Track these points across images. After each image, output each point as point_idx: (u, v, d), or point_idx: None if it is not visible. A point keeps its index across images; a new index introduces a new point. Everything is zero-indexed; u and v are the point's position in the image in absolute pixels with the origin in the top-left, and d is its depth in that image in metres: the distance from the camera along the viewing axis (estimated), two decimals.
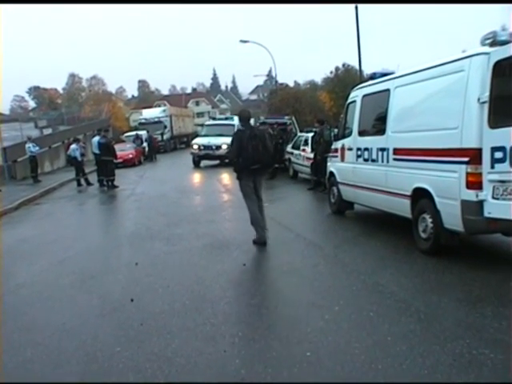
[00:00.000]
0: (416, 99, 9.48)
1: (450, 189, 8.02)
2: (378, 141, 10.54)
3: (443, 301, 6.51)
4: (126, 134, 47.78)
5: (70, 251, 10.74)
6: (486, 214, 7.39)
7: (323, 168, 15.19)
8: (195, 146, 31.91)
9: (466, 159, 7.63)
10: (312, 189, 18.40)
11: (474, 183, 7.52)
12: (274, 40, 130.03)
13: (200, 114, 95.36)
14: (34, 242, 12.26)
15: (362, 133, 11.60)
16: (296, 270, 8.31)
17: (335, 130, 15.57)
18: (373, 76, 11.81)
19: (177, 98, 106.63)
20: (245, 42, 47.49)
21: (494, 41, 7.58)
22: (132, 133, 46.84)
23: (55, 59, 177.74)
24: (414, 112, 9.57)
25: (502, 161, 6.98)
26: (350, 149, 12.06)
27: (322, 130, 17.95)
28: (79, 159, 24.90)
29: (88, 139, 36.30)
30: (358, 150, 11.57)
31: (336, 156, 13.15)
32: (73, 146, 25.44)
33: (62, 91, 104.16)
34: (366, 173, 11.12)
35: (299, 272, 8.22)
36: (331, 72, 61.42)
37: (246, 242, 10.40)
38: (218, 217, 13.51)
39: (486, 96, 7.32)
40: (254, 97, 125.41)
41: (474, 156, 7.51)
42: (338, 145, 13.06)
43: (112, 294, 7.71)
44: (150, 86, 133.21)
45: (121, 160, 30.59)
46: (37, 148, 26.63)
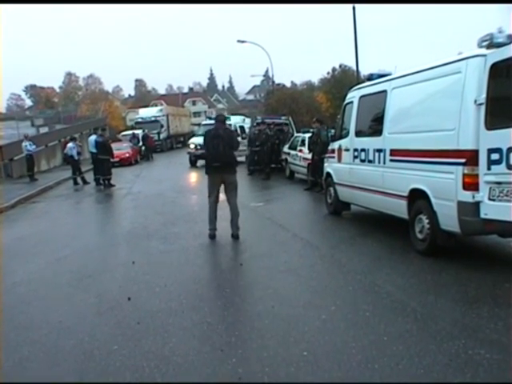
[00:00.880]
0: (413, 100, 9.51)
1: (446, 190, 8.05)
2: (374, 142, 10.57)
3: (439, 301, 6.54)
4: (123, 133, 47.69)
5: (67, 250, 10.74)
6: (483, 215, 7.42)
7: (320, 168, 15.21)
8: (192, 146, 31.88)
9: (463, 160, 7.67)
10: (309, 189, 18.41)
11: (471, 184, 7.56)
12: (272, 40, 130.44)
13: (197, 114, 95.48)
14: (30, 240, 12.25)
15: (358, 133, 11.62)
16: (293, 270, 8.33)
17: (332, 131, 15.60)
18: (370, 77, 11.84)
19: (173, 98, 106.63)
20: (242, 42, 47.49)
21: (490, 43, 7.61)
22: (129, 132, 46.76)
23: (52, 58, 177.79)
24: (410, 113, 9.60)
25: (498, 162, 7.01)
26: (347, 149, 12.08)
27: (319, 130, 17.95)
28: (76, 158, 24.87)
29: (85, 138, 36.31)
30: (355, 150, 11.60)
31: (333, 157, 13.17)
32: (70, 145, 25.41)
33: (58, 90, 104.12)
34: (363, 173, 11.14)
35: (296, 272, 8.24)
36: (328, 73, 61.62)
37: (243, 241, 10.44)
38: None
39: (483, 98, 7.36)
40: (251, 97, 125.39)
41: (470, 157, 7.54)
42: (334, 145, 13.07)
43: (109, 292, 7.71)
44: (146, 86, 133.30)
45: (117, 159, 30.51)
46: (33, 146, 26.56)
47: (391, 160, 9.87)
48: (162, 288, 7.67)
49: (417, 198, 8.90)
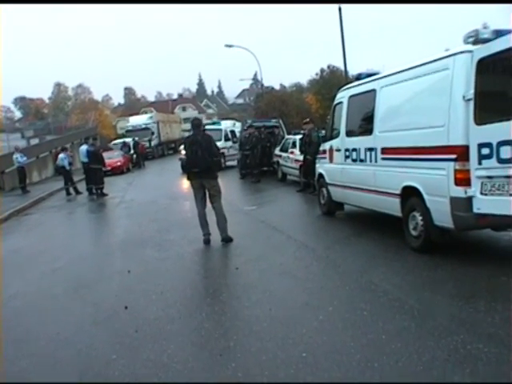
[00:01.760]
0: (402, 98, 9.54)
1: (438, 186, 8.07)
2: (365, 141, 10.58)
3: (436, 297, 6.56)
4: (114, 142, 47.59)
5: (62, 260, 10.72)
6: (475, 210, 7.45)
7: (312, 169, 15.21)
8: (183, 152, 31.67)
9: (454, 156, 7.70)
10: (301, 191, 18.41)
11: (463, 180, 7.58)
12: (259, 43, 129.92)
13: (187, 120, 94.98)
14: (25, 252, 12.22)
15: (349, 133, 11.63)
16: (289, 272, 8.33)
17: (322, 132, 15.62)
18: (359, 77, 11.86)
19: (163, 105, 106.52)
20: (230, 46, 47.59)
21: (476, 39, 7.66)
22: (119, 140, 46.69)
23: (40, 68, 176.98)
24: (400, 111, 9.62)
25: (489, 157, 7.04)
26: (338, 150, 12.09)
27: (310, 131, 17.98)
28: (67, 168, 24.79)
29: (76, 148, 36.19)
30: (346, 150, 11.61)
31: (324, 157, 13.19)
32: (61, 155, 25.35)
33: (48, 101, 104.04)
34: (355, 173, 11.15)
35: (292, 273, 8.25)
36: (316, 74, 61.71)
37: (237, 245, 10.44)
38: (208, 221, 13.53)
39: (471, 93, 7.39)
40: (241, 101, 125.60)
41: (461, 153, 7.57)
42: (325, 146, 13.09)
43: (106, 301, 7.70)
44: (136, 93, 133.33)
45: (109, 168, 30.47)
46: (24, 158, 26.53)
47: (383, 158, 9.90)
48: (158, 295, 7.66)
49: (409, 195, 8.91)
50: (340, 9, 24.97)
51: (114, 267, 9.85)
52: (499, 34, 7.35)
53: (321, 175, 13.51)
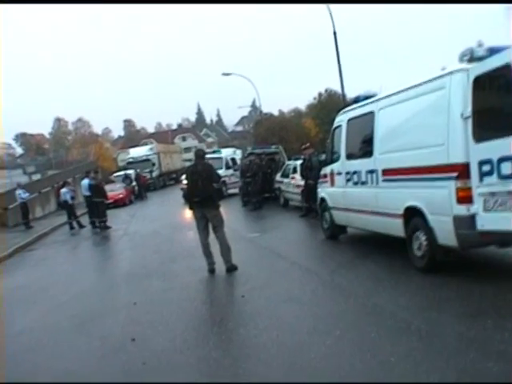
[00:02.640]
0: (400, 119, 9.58)
1: (441, 205, 8.08)
2: (366, 163, 10.61)
3: (443, 317, 6.53)
4: (115, 174, 47.67)
5: (68, 295, 10.68)
6: (479, 227, 7.44)
7: (314, 194, 15.21)
8: (185, 182, 31.65)
9: (455, 174, 7.71)
10: (304, 216, 18.39)
11: (465, 198, 7.59)
12: (256, 70, 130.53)
13: (187, 150, 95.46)
14: (30, 288, 12.18)
15: (349, 156, 11.66)
16: (295, 298, 8.30)
17: (322, 156, 15.65)
18: (356, 99, 11.92)
19: (163, 135, 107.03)
20: (227, 74, 47.83)
21: (471, 57, 7.73)
22: (121, 172, 46.78)
23: (40, 104, 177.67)
24: (399, 132, 9.65)
25: (490, 173, 7.06)
26: (339, 173, 12.11)
27: (311, 156, 18.04)
28: (70, 202, 24.79)
29: (77, 182, 36.24)
30: (347, 173, 11.63)
31: (326, 181, 13.21)
32: (63, 190, 25.37)
33: (48, 136, 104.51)
34: (357, 196, 11.16)
35: (298, 299, 8.22)
36: (314, 98, 62.05)
37: (242, 272, 10.40)
38: (212, 250, 13.51)
39: (469, 111, 7.44)
40: (240, 128, 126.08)
41: (462, 171, 7.59)
42: (326, 170, 13.12)
43: (112, 334, 7.66)
44: (135, 125, 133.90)
45: (112, 200, 30.52)
46: (27, 194, 26.57)
47: (384, 180, 9.91)
48: (165, 326, 7.63)
49: (412, 215, 8.91)
50: (335, 33, 25.10)
51: (119, 300, 9.82)
52: (493, 51, 7.41)
53: (323, 199, 13.51)
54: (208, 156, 35.29)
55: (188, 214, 12.98)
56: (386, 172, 9.84)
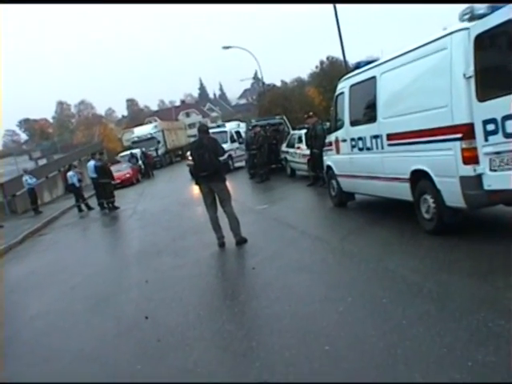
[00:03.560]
0: (403, 83, 9.49)
1: (447, 167, 8.04)
2: (370, 129, 10.55)
3: (454, 278, 6.53)
4: (121, 154, 47.66)
5: (80, 277, 10.76)
6: (486, 187, 7.41)
7: (320, 162, 15.16)
8: (190, 158, 31.63)
9: (460, 135, 7.65)
10: (311, 184, 18.35)
11: (470, 158, 7.54)
12: (256, 41, 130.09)
13: (192, 125, 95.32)
14: (42, 272, 12.29)
15: (353, 123, 11.60)
16: (305, 267, 8.32)
17: (327, 124, 15.58)
18: (358, 65, 11.80)
19: (167, 112, 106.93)
20: (227, 47, 47.56)
21: (472, 15, 7.60)
22: (126, 152, 46.73)
23: (41, 89, 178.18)
24: (402, 96, 9.57)
25: (494, 132, 7.00)
26: (344, 140, 12.06)
27: (315, 124, 17.94)
28: (77, 185, 24.83)
29: (83, 164, 36.29)
30: (352, 140, 11.58)
31: (331, 149, 13.16)
32: (70, 173, 25.38)
33: (52, 120, 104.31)
34: (363, 162, 11.12)
35: (309, 268, 8.24)
36: (316, 66, 61.70)
37: (252, 245, 10.43)
38: (221, 224, 13.55)
39: (471, 70, 7.34)
40: (243, 101, 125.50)
41: (466, 131, 7.53)
42: (331, 138, 13.06)
43: (126, 313, 7.74)
44: (138, 104, 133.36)
45: (119, 180, 30.58)
46: (34, 180, 26.60)
47: (389, 145, 9.86)
48: (177, 302, 7.68)
49: (419, 178, 8.88)
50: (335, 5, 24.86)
51: (131, 278, 9.88)
52: (495, 8, 7.28)
53: (329, 167, 13.48)
54: (212, 131, 35.25)
55: (196, 189, 12.98)
56: (390, 137, 9.78)
